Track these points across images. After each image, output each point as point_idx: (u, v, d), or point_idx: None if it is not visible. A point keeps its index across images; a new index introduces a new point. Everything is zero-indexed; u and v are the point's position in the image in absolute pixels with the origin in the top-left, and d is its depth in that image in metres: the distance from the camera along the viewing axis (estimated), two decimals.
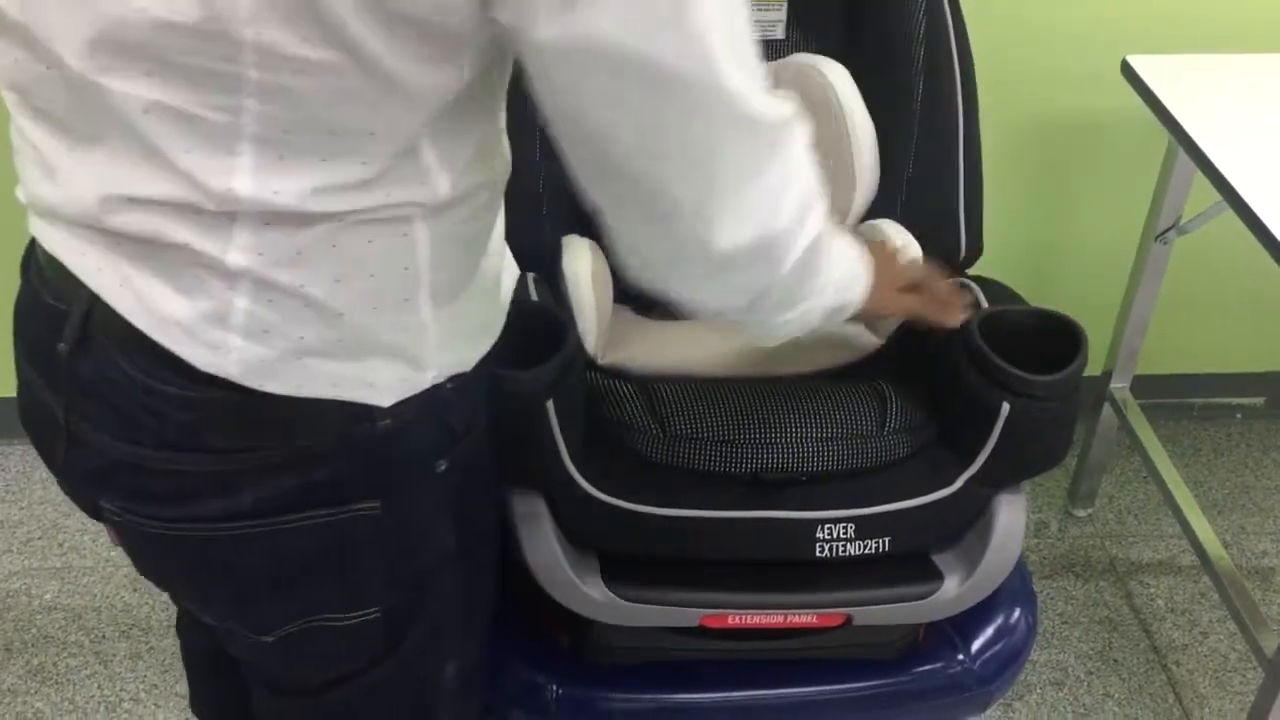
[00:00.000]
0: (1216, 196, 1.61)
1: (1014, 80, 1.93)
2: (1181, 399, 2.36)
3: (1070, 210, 2.14)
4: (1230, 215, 1.56)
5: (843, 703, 1.28)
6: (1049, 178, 2.10)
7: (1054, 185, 2.12)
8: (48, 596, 1.92)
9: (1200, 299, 2.23)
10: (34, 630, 1.87)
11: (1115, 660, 1.95)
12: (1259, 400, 2.39)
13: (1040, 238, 2.17)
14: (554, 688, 1.23)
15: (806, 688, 1.27)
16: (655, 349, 1.29)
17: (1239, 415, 2.41)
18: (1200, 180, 1.66)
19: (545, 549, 1.14)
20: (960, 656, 1.28)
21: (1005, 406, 1.13)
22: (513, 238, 1.30)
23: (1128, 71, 1.77)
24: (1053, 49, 1.95)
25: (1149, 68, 1.75)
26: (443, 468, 0.90)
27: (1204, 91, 1.71)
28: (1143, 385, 2.08)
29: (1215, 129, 1.63)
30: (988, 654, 1.29)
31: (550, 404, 1.09)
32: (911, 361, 1.29)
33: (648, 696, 1.25)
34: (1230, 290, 2.22)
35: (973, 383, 1.15)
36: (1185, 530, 1.87)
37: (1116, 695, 1.90)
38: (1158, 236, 1.89)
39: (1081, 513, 2.19)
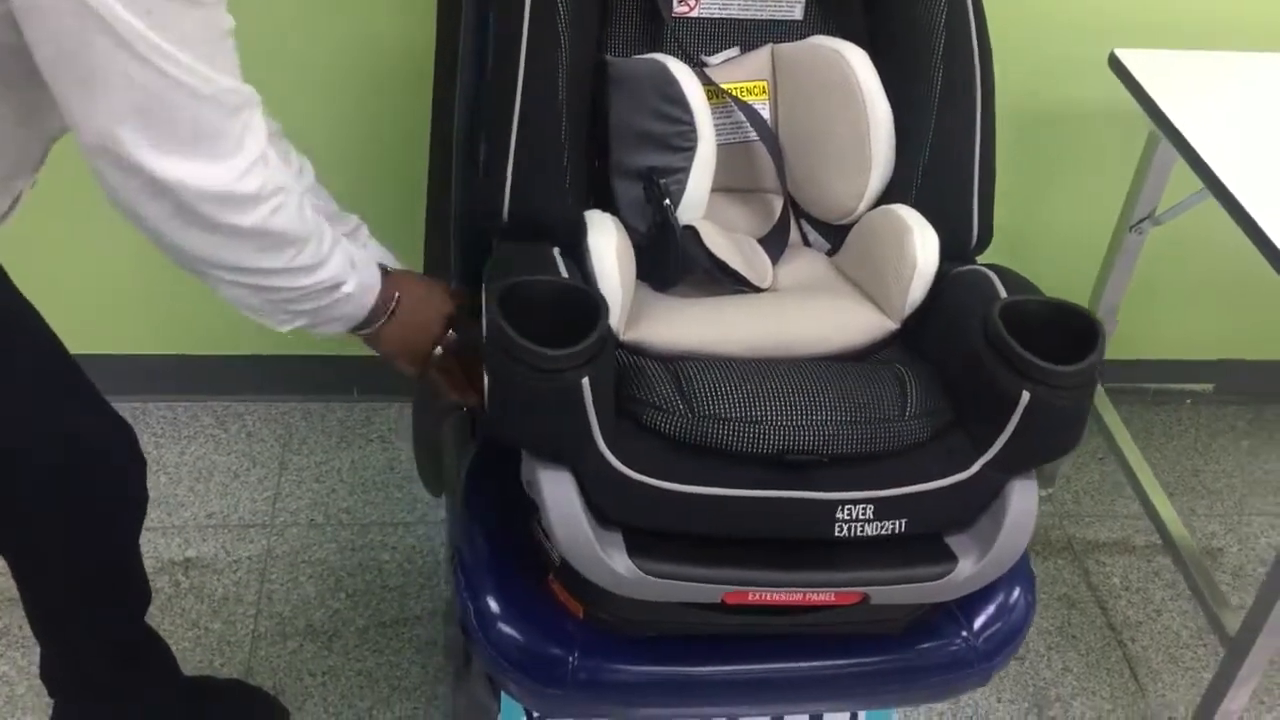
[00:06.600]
0: (1189, 190, 1.65)
1: (1001, 67, 1.95)
2: (1136, 384, 2.43)
3: (1047, 197, 2.19)
4: (1199, 207, 1.61)
5: (850, 677, 1.30)
6: (1029, 164, 2.14)
7: (1033, 172, 2.16)
8: None
9: (1159, 288, 2.29)
10: None
11: (1074, 636, 2.02)
12: (1208, 386, 2.47)
13: (1016, 223, 2.20)
14: (572, 659, 1.23)
15: (816, 662, 1.29)
16: (675, 326, 1.29)
17: (1189, 400, 2.49)
18: (1175, 173, 1.71)
19: (574, 525, 1.14)
20: (964, 634, 1.31)
21: (1025, 395, 1.15)
22: (538, 213, 1.31)
23: (1115, 65, 1.81)
24: (1039, 38, 1.98)
25: (1136, 62, 1.78)
26: None
27: (1190, 86, 1.76)
28: (1106, 370, 2.14)
29: (1201, 122, 1.67)
30: (990, 631, 1.32)
31: (586, 381, 1.09)
32: (926, 346, 1.31)
33: (664, 669, 1.26)
34: (1186, 280, 2.29)
35: (993, 370, 1.17)
36: (1148, 510, 1.94)
37: (1075, 670, 1.96)
38: (1132, 226, 1.94)
39: (1042, 493, 2.24)
